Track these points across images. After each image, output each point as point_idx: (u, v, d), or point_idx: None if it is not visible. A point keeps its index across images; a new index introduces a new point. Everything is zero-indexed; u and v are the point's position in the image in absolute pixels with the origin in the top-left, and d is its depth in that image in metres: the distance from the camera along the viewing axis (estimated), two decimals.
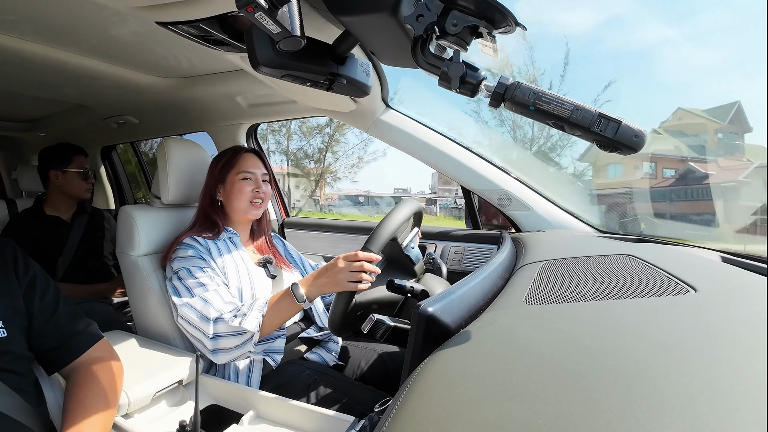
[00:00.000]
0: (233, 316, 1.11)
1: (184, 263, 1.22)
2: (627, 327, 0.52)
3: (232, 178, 1.35)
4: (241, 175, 1.35)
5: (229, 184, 1.36)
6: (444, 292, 0.68)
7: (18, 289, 0.86)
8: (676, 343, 0.46)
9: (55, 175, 1.97)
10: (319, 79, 0.81)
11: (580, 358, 0.45)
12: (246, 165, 1.37)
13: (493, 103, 0.66)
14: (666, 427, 0.32)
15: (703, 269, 0.81)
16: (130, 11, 0.97)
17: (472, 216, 1.81)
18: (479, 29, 0.62)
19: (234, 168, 1.36)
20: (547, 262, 0.91)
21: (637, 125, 0.60)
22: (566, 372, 0.42)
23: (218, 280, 1.21)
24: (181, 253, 1.24)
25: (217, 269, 1.24)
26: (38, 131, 2.61)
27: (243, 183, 1.35)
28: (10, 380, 0.78)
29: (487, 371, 0.45)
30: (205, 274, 1.20)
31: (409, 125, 1.65)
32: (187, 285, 1.18)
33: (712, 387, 0.37)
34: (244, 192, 1.34)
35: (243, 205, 1.35)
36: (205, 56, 1.37)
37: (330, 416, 0.93)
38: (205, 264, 1.23)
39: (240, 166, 1.36)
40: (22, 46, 1.22)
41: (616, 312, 0.58)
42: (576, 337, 0.50)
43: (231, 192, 1.35)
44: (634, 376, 0.40)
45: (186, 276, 1.20)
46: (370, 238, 1.05)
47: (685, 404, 0.35)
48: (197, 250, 1.25)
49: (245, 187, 1.35)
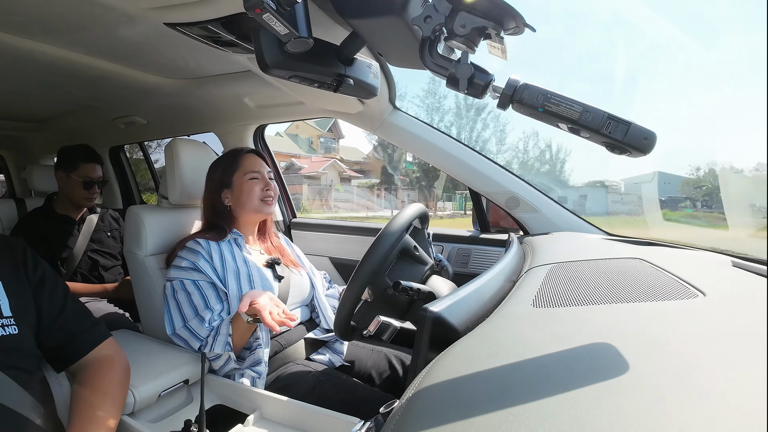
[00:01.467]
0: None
1: (178, 273, 1.24)
2: (635, 331, 0.52)
3: (239, 180, 1.36)
4: (249, 175, 1.36)
5: (237, 187, 1.36)
6: (451, 295, 0.67)
7: (28, 287, 0.87)
8: (684, 347, 0.45)
9: (60, 177, 1.99)
10: (327, 80, 0.81)
11: (589, 363, 0.44)
12: (251, 165, 1.38)
13: (501, 104, 0.65)
14: (674, 431, 0.32)
15: (712, 273, 0.80)
16: (138, 12, 0.98)
17: (480, 218, 1.80)
18: (487, 30, 0.62)
19: (239, 169, 1.37)
20: (555, 264, 0.90)
21: (646, 127, 0.59)
22: (575, 377, 0.42)
23: (210, 293, 1.23)
24: (178, 262, 1.26)
25: (214, 277, 1.24)
26: (47, 131, 2.62)
27: (252, 183, 1.35)
28: (21, 377, 0.79)
29: (494, 376, 0.45)
30: (195, 290, 1.22)
31: (417, 127, 1.64)
32: (177, 299, 1.22)
33: (720, 392, 0.36)
34: (254, 191, 1.35)
35: (255, 204, 1.36)
36: (213, 57, 1.38)
37: (335, 417, 0.92)
38: (200, 277, 1.24)
39: (245, 166, 1.37)
40: (32, 46, 1.23)
41: (624, 316, 0.58)
42: (585, 342, 0.50)
43: (240, 194, 1.35)
44: (640, 379, 0.39)
45: (179, 288, 1.23)
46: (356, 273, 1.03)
47: (694, 408, 0.34)
48: (197, 255, 1.25)
49: (255, 186, 1.35)
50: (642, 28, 29.27)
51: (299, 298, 1.39)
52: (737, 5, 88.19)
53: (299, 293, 1.38)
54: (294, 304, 1.38)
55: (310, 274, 1.50)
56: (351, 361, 1.34)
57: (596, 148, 0.87)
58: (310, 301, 1.45)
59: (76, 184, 1.97)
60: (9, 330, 0.80)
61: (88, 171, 1.99)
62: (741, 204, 1.32)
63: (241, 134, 2.10)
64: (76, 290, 1.87)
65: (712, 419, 0.33)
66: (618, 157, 0.64)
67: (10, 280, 0.85)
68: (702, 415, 0.34)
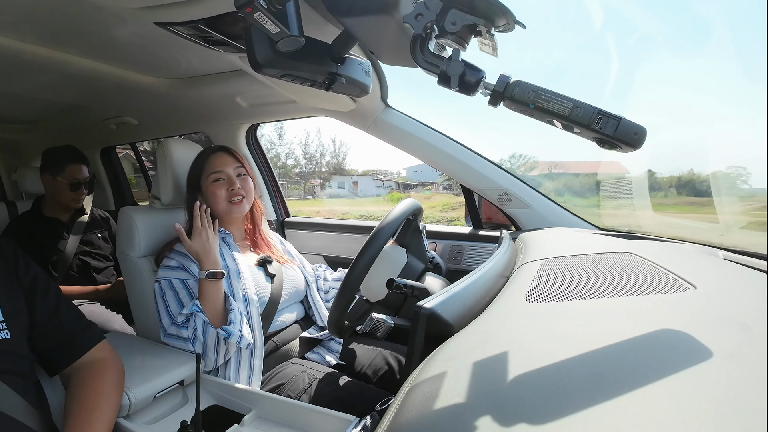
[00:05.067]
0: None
1: (166, 273, 1.25)
2: (627, 325, 0.52)
3: (206, 183, 1.34)
4: (212, 177, 1.33)
5: (205, 191, 1.34)
6: (444, 291, 0.68)
7: (19, 291, 0.86)
8: (675, 340, 0.46)
9: (47, 180, 1.96)
10: (319, 78, 0.81)
11: (581, 358, 0.45)
12: (214, 165, 1.34)
13: (492, 101, 0.66)
14: (666, 425, 0.32)
15: (703, 267, 0.81)
16: (129, 12, 0.97)
17: (472, 214, 1.81)
18: (478, 27, 0.62)
19: (204, 172, 1.34)
20: (547, 260, 0.91)
21: (636, 122, 0.60)
22: (567, 372, 0.42)
23: (197, 291, 1.22)
24: (166, 262, 1.26)
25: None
26: (38, 133, 2.60)
27: (215, 185, 1.33)
28: (14, 382, 0.78)
29: (488, 372, 0.45)
30: (183, 287, 1.22)
31: (409, 124, 1.65)
32: (165, 299, 1.22)
33: (712, 384, 0.37)
34: (218, 194, 1.33)
35: (223, 207, 1.33)
36: (204, 57, 1.37)
37: (331, 415, 0.92)
38: (187, 276, 1.24)
39: (209, 168, 1.34)
40: (21, 47, 1.21)
41: (616, 309, 0.58)
42: (577, 337, 0.50)
43: (208, 197, 1.34)
44: (633, 373, 0.40)
45: (166, 288, 1.23)
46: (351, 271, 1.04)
47: (686, 402, 0.35)
48: (185, 256, 1.25)
49: (218, 189, 1.33)
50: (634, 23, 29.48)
51: (294, 295, 1.39)
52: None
53: (293, 289, 1.38)
54: (288, 302, 1.37)
55: (304, 270, 1.49)
56: (346, 359, 1.35)
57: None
58: (304, 298, 1.45)
59: (63, 186, 1.94)
60: (2, 334, 0.79)
61: (75, 172, 1.96)
62: (732, 198, 1.33)
63: (233, 134, 2.10)
64: (68, 292, 1.85)
65: (705, 411, 0.34)
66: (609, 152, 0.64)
67: (1, 283, 0.84)
68: (696, 407, 0.34)
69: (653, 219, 1.51)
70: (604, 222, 1.52)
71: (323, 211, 15.18)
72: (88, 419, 0.81)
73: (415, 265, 1.22)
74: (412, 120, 1.65)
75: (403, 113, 1.65)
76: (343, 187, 22.66)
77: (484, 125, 70.72)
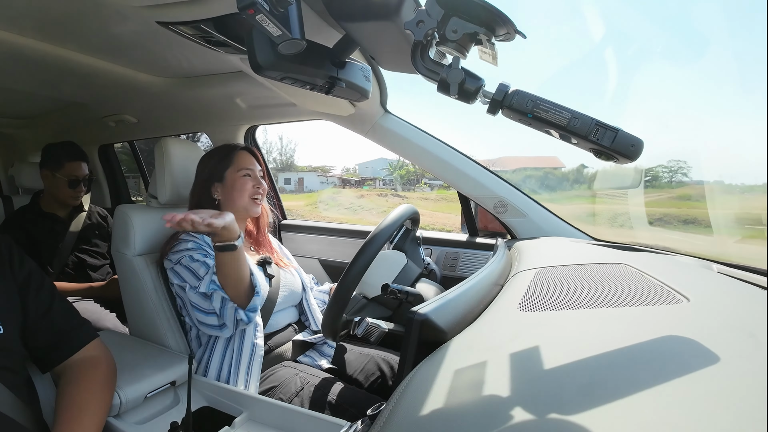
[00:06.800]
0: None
1: (186, 253, 1.23)
2: (620, 335, 0.52)
3: (232, 175, 1.35)
4: (242, 172, 1.35)
5: (229, 182, 1.35)
6: (439, 297, 0.68)
7: (13, 286, 0.86)
8: (667, 352, 0.46)
9: (46, 176, 1.95)
10: (319, 82, 0.81)
11: (573, 366, 0.45)
12: (245, 162, 1.37)
13: (491, 110, 0.66)
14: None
15: (697, 279, 0.81)
16: (130, 10, 0.97)
17: (468, 222, 1.81)
18: (479, 36, 0.62)
19: (233, 165, 1.36)
20: (541, 269, 0.91)
21: (634, 134, 0.60)
22: (560, 380, 0.42)
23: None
24: (181, 246, 1.24)
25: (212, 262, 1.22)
26: (35, 128, 2.59)
27: (244, 179, 1.35)
28: (6, 378, 0.78)
29: (480, 379, 0.45)
30: (208, 257, 1.21)
31: (408, 130, 1.65)
32: (191, 268, 1.19)
33: (704, 397, 0.37)
34: (245, 189, 1.34)
35: (245, 202, 1.34)
36: (205, 57, 1.37)
37: (322, 420, 0.92)
38: (208, 253, 1.23)
39: (239, 163, 1.36)
40: (21, 42, 1.21)
41: (609, 320, 0.58)
42: (570, 346, 0.50)
43: (232, 189, 1.34)
44: (625, 383, 0.40)
45: (189, 262, 1.20)
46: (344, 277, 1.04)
47: (679, 411, 0.35)
48: (197, 243, 1.25)
49: (246, 183, 1.35)
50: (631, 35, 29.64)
51: (289, 298, 1.39)
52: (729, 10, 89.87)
53: (290, 293, 1.38)
54: (284, 305, 1.37)
55: (301, 274, 1.50)
56: (339, 363, 1.34)
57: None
58: (299, 302, 1.45)
59: (62, 182, 1.94)
60: None
61: (74, 169, 1.96)
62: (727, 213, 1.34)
63: (232, 135, 2.10)
64: (62, 289, 1.85)
65: (697, 424, 0.34)
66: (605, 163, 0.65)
67: None
68: (688, 420, 0.34)
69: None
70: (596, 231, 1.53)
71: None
72: (78, 417, 0.81)
73: (412, 269, 1.22)
74: (410, 126, 1.66)
75: (402, 119, 1.66)
76: (289, 183, 23.86)
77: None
